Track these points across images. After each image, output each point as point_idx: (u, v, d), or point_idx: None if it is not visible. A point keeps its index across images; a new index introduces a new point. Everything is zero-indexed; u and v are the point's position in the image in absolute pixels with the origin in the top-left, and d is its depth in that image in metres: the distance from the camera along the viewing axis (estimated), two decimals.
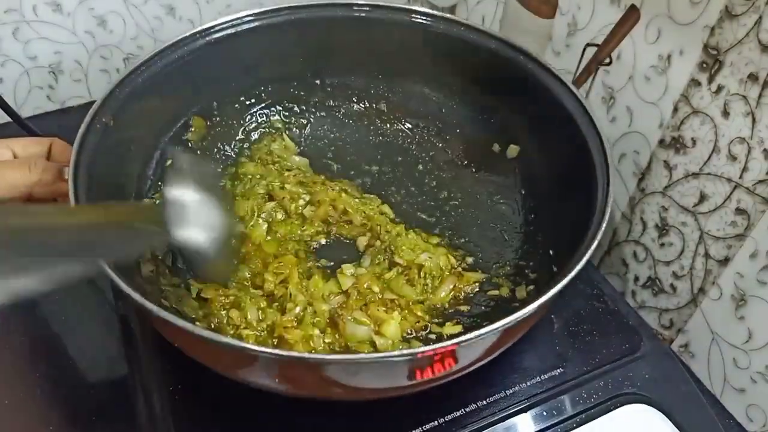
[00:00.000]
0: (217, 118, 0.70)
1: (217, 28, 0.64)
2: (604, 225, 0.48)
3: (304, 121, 0.75)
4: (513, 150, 0.69)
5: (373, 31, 0.70)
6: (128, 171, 0.59)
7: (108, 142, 0.53)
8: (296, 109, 0.75)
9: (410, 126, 0.76)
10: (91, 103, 0.56)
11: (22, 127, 0.63)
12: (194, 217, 0.48)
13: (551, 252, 0.59)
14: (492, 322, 0.42)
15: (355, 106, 0.76)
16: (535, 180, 0.67)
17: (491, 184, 0.70)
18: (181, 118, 0.67)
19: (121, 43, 0.83)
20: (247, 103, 0.72)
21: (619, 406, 0.55)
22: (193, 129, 0.67)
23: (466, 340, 0.41)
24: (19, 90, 0.81)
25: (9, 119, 0.63)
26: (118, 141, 0.56)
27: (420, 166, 0.73)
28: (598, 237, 0.47)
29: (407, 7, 0.69)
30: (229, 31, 0.65)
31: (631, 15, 0.60)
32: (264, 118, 0.73)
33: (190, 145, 0.67)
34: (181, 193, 0.48)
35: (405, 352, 0.40)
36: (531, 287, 0.59)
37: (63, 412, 0.57)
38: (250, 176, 0.68)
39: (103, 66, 0.84)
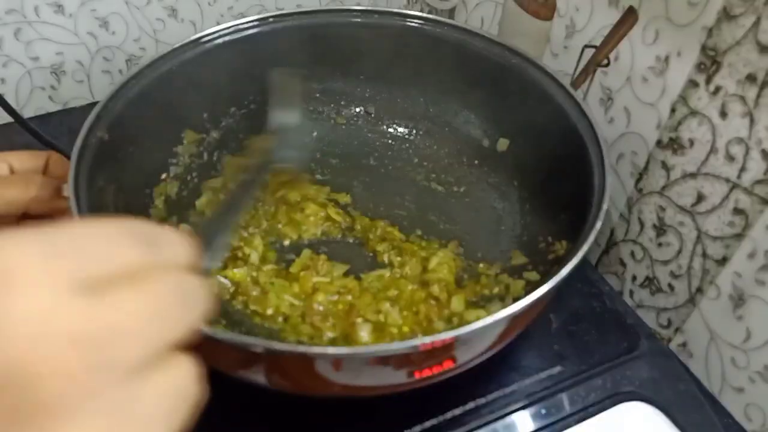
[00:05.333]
0: (209, 130, 0.70)
1: (206, 38, 0.64)
2: (600, 219, 0.48)
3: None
4: (503, 143, 0.69)
5: (366, 35, 0.70)
6: (127, 185, 0.59)
7: (105, 156, 0.53)
8: None
9: (399, 127, 0.76)
10: (94, 104, 0.56)
11: (24, 127, 0.63)
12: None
13: (549, 239, 0.60)
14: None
15: (343, 111, 0.76)
16: (528, 174, 0.67)
17: (485, 178, 0.71)
18: (174, 131, 0.66)
19: (123, 45, 0.84)
20: (238, 114, 0.72)
21: (617, 405, 0.56)
22: (185, 142, 0.67)
23: (463, 333, 0.41)
24: (21, 91, 0.82)
25: (11, 120, 0.63)
26: (114, 155, 0.55)
27: (411, 166, 0.73)
28: (596, 229, 0.48)
29: (403, 11, 0.69)
30: (218, 41, 0.65)
31: (629, 17, 0.60)
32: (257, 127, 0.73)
33: (182, 159, 0.67)
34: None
35: (404, 344, 0.40)
36: (532, 274, 0.59)
37: None
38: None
39: (105, 67, 0.84)
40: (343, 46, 0.71)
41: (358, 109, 0.76)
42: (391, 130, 0.76)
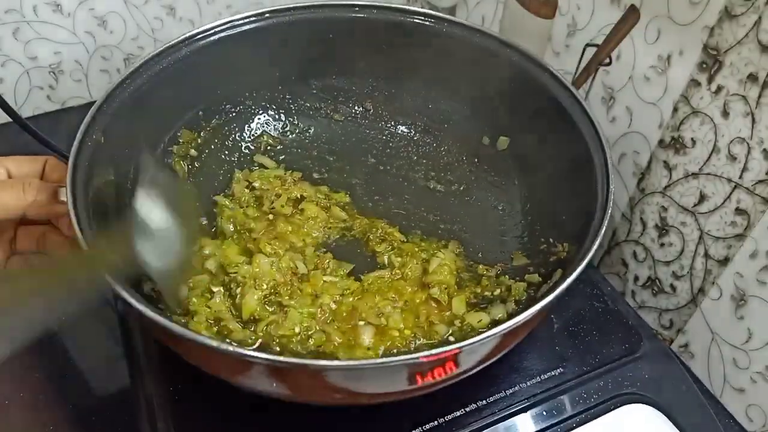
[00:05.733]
0: (206, 129, 0.69)
1: (200, 36, 0.63)
2: (604, 226, 0.48)
3: (292, 127, 0.75)
4: (503, 142, 0.69)
5: (365, 30, 0.69)
6: (124, 187, 0.58)
7: (101, 159, 0.53)
8: (283, 115, 0.74)
9: (398, 124, 0.76)
10: (92, 103, 0.56)
11: (22, 127, 0.63)
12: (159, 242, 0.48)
13: (551, 240, 0.60)
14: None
15: (341, 108, 0.76)
16: (530, 173, 0.67)
17: (485, 177, 0.71)
18: (169, 131, 0.66)
19: (121, 44, 0.83)
20: (234, 111, 0.71)
21: (618, 406, 0.55)
22: (181, 141, 0.66)
23: (466, 345, 0.41)
24: (20, 90, 0.81)
25: (9, 119, 0.63)
26: (110, 157, 0.55)
27: (410, 164, 0.73)
28: (599, 237, 0.47)
29: (403, 7, 0.69)
30: (213, 38, 0.64)
31: (631, 15, 0.60)
32: (253, 125, 0.73)
33: (178, 158, 0.66)
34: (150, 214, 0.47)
35: (406, 357, 0.40)
36: (533, 276, 0.59)
37: (63, 413, 0.57)
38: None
39: (103, 66, 0.84)
40: (342, 42, 0.70)
41: (356, 107, 0.76)
42: (390, 127, 0.76)
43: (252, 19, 0.66)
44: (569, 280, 0.44)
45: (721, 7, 0.54)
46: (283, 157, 0.73)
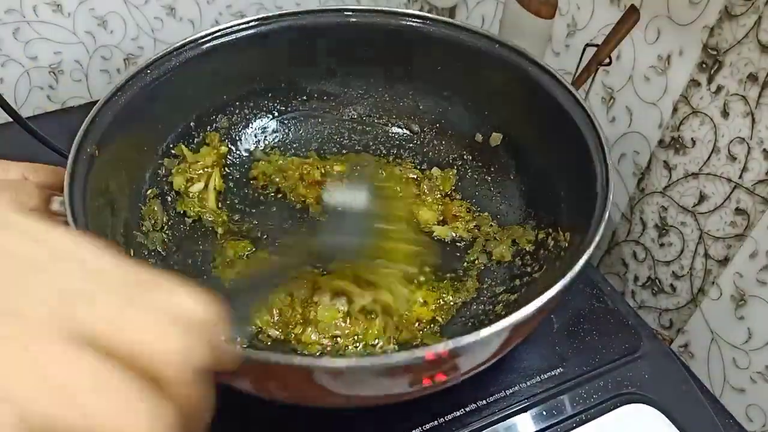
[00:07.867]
0: (199, 139, 0.68)
1: (189, 46, 0.63)
2: (605, 220, 0.48)
3: (285, 133, 0.74)
4: (495, 138, 0.69)
5: (357, 35, 0.69)
6: (120, 201, 0.58)
7: (97, 171, 0.52)
8: (276, 121, 0.74)
9: (391, 125, 0.75)
10: (91, 103, 0.56)
11: (22, 127, 0.63)
12: None
13: (550, 230, 0.60)
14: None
15: (337, 110, 0.75)
16: (527, 169, 0.67)
17: (480, 173, 0.70)
18: (162, 143, 0.65)
19: (121, 44, 0.83)
20: (226, 120, 0.70)
21: (618, 406, 0.55)
22: (174, 152, 0.66)
23: (469, 342, 0.40)
24: (20, 90, 0.81)
25: (9, 119, 0.63)
26: (106, 169, 0.54)
27: (404, 165, 0.73)
28: (605, 219, 0.47)
29: (401, 11, 0.68)
30: (202, 48, 0.63)
31: (631, 15, 0.60)
32: (246, 133, 0.72)
33: (171, 172, 0.65)
34: None
35: (409, 354, 0.40)
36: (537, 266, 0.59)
37: None
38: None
39: (103, 66, 0.84)
40: (332, 47, 0.70)
41: (348, 110, 0.76)
42: (383, 129, 0.76)
43: (242, 26, 0.65)
44: (580, 263, 0.44)
45: (721, 7, 0.54)
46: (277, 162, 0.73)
